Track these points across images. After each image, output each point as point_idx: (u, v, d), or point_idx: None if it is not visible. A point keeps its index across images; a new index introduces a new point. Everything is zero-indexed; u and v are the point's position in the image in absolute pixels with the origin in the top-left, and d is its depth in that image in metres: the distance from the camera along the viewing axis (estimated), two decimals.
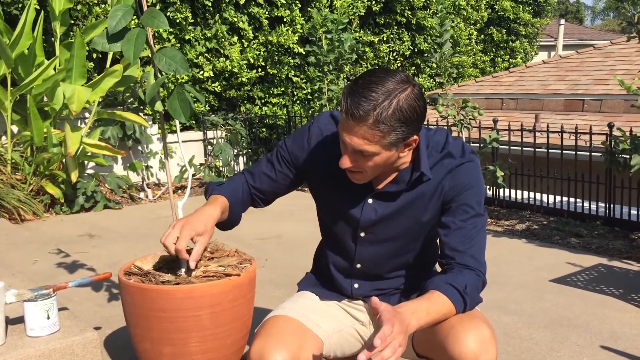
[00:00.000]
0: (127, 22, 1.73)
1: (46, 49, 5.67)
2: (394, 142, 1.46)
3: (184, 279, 1.74)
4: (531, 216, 4.92)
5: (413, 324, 1.40)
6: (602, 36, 19.91)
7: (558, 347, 2.54)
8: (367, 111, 1.40)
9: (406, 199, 1.62)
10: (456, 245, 1.56)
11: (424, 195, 1.61)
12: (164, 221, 4.99)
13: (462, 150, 1.61)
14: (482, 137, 5.03)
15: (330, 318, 1.71)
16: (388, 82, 1.43)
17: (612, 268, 3.59)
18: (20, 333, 1.89)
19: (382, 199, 1.63)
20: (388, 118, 1.41)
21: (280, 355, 1.50)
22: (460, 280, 1.52)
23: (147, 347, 1.75)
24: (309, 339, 1.60)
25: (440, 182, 1.59)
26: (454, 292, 1.49)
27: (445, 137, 1.64)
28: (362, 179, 1.57)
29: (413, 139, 1.50)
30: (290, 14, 7.72)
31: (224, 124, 6.80)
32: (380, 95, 1.41)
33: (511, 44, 11.43)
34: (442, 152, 1.61)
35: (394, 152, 1.49)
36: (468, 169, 1.59)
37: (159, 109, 1.81)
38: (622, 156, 4.06)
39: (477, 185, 1.60)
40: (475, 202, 1.59)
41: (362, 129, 1.42)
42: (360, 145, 1.45)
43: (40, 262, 3.84)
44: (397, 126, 1.43)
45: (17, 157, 5.22)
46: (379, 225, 1.65)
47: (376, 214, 1.64)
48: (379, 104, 1.41)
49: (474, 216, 1.58)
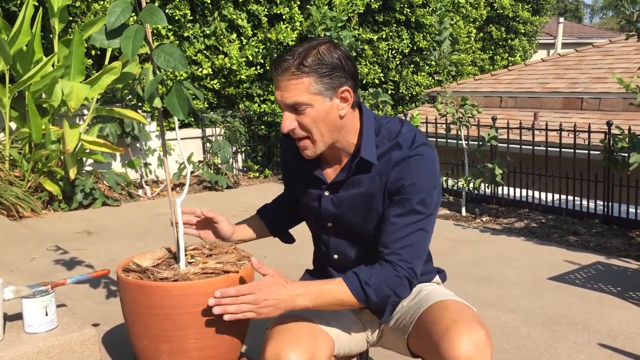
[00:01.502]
0: (126, 19, 1.73)
1: (45, 46, 5.66)
2: (322, 88, 1.50)
3: (182, 276, 1.74)
4: (529, 214, 4.92)
5: (299, 302, 1.51)
6: (601, 34, 19.91)
7: (556, 345, 2.54)
8: (289, 61, 1.50)
9: (358, 189, 1.62)
10: (386, 241, 1.56)
11: (374, 184, 1.60)
12: (162, 218, 4.98)
13: (412, 142, 1.58)
14: (481, 135, 5.03)
15: (337, 317, 1.72)
16: (311, 41, 1.54)
17: (610, 266, 3.60)
18: (19, 329, 1.89)
19: (335, 190, 1.66)
20: (309, 62, 1.49)
21: (296, 356, 1.50)
22: (370, 273, 1.53)
23: (145, 343, 1.75)
24: (321, 339, 1.61)
25: (387, 174, 1.58)
26: (356, 282, 1.52)
27: (400, 125, 1.62)
28: (311, 149, 1.57)
29: (345, 89, 1.53)
30: (289, 11, 7.71)
31: (222, 121, 6.80)
32: (300, 48, 1.52)
33: (510, 42, 11.43)
34: (392, 141, 1.59)
35: (327, 103, 1.52)
36: (415, 163, 1.56)
37: (158, 105, 1.80)
38: (621, 154, 4.07)
39: (421, 181, 1.56)
40: (416, 199, 1.55)
41: (287, 77, 1.50)
42: (291, 97, 1.50)
43: (39, 259, 3.84)
44: (319, 69, 1.49)
45: (16, 153, 5.22)
46: (339, 216, 1.68)
47: (333, 205, 1.67)
48: (300, 54, 1.50)
49: (412, 213, 1.55)
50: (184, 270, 1.78)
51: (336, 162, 1.65)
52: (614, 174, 4.47)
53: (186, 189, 1.94)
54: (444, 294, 1.68)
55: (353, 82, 1.55)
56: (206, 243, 1.94)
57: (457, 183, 5.24)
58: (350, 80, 1.54)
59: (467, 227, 4.61)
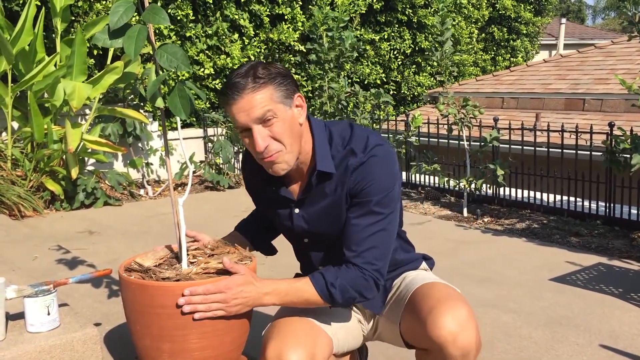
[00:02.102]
0: (129, 19, 1.73)
1: (47, 45, 5.66)
2: (281, 96, 1.52)
3: (184, 276, 1.74)
4: (531, 215, 4.92)
5: (267, 300, 1.56)
6: (603, 35, 19.90)
7: (557, 346, 2.54)
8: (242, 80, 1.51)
9: (323, 201, 1.64)
10: (349, 243, 1.57)
11: (336, 194, 1.61)
12: (164, 218, 4.99)
13: (365, 145, 1.59)
14: (483, 136, 5.03)
15: (335, 314, 1.73)
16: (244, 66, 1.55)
17: (611, 267, 3.59)
18: (21, 329, 1.90)
19: (303, 207, 1.67)
20: (261, 74, 1.51)
21: (297, 355, 1.52)
22: (336, 274, 1.56)
23: (146, 343, 1.75)
24: (320, 337, 1.63)
25: (346, 182, 1.59)
26: (322, 283, 1.55)
27: (350, 130, 1.63)
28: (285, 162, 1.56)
29: (298, 95, 1.57)
30: (292, 11, 7.71)
31: (224, 121, 6.80)
32: (243, 71, 1.53)
33: (512, 42, 11.43)
34: (345, 148, 1.60)
35: (288, 111, 1.54)
36: (370, 165, 1.57)
37: (160, 105, 1.81)
38: (623, 155, 4.06)
39: (378, 182, 1.57)
40: (375, 200, 1.56)
41: (248, 92, 1.50)
42: (257, 109, 1.50)
43: (40, 258, 3.84)
44: (272, 77, 1.52)
45: (18, 153, 5.22)
46: (312, 231, 1.69)
47: (304, 221, 1.69)
48: (248, 72, 1.52)
49: (371, 214, 1.56)
50: (185, 270, 1.78)
51: (300, 177, 1.67)
52: (616, 175, 4.47)
53: (188, 189, 1.94)
54: (428, 277, 1.71)
55: (296, 85, 1.59)
56: (208, 243, 1.94)
57: (459, 184, 5.24)
58: (297, 87, 1.58)
59: (468, 227, 4.61)
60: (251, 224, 1.96)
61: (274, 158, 1.55)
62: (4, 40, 4.85)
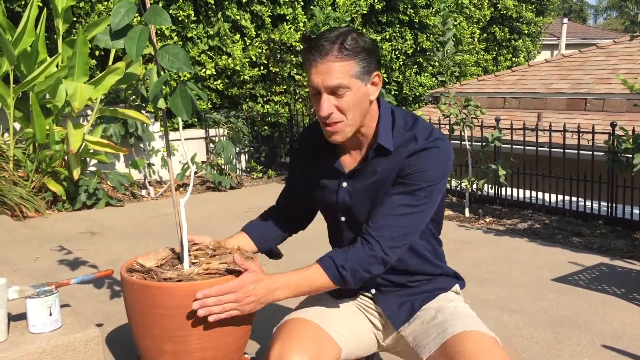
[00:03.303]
0: (130, 19, 1.73)
1: (49, 46, 5.67)
2: (360, 71, 1.53)
3: (186, 276, 1.74)
4: (533, 215, 4.92)
5: (279, 294, 1.54)
6: (605, 35, 19.87)
7: (559, 346, 2.54)
8: (329, 44, 1.51)
9: (372, 177, 1.63)
10: (375, 215, 1.58)
11: (387, 173, 1.61)
12: (165, 219, 4.99)
13: (430, 134, 1.61)
14: (485, 136, 5.03)
15: (349, 322, 1.72)
16: (338, 28, 1.56)
17: (614, 267, 3.59)
18: (23, 329, 1.90)
19: (352, 180, 1.66)
20: (349, 44, 1.51)
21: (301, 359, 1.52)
22: (345, 256, 1.56)
23: (148, 344, 1.75)
24: (328, 345, 1.61)
25: (405, 161, 1.59)
26: (333, 267, 1.55)
27: (413, 118, 1.65)
28: (342, 131, 1.57)
29: (376, 73, 1.57)
30: (293, 11, 7.71)
31: (226, 121, 6.81)
32: (333, 34, 1.53)
33: (514, 42, 11.42)
34: (410, 132, 1.61)
35: (363, 87, 1.54)
36: (429, 153, 1.59)
37: (162, 106, 1.81)
38: (625, 155, 4.06)
39: (431, 171, 1.58)
40: (421, 185, 1.57)
41: (330, 59, 1.50)
42: (333, 79, 1.51)
43: (42, 259, 3.85)
44: (358, 51, 1.51)
45: (20, 154, 5.23)
46: (352, 208, 1.68)
47: (349, 196, 1.67)
48: (337, 38, 1.52)
49: (413, 195, 1.57)
50: (187, 270, 1.78)
51: (356, 151, 1.67)
52: (618, 175, 4.46)
53: (190, 190, 1.94)
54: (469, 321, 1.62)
55: (379, 63, 1.59)
56: (209, 243, 1.94)
57: (461, 184, 5.23)
58: (379, 65, 1.58)
59: (470, 228, 4.61)
60: (259, 226, 1.94)
61: (334, 127, 1.57)
62: (6, 41, 4.86)
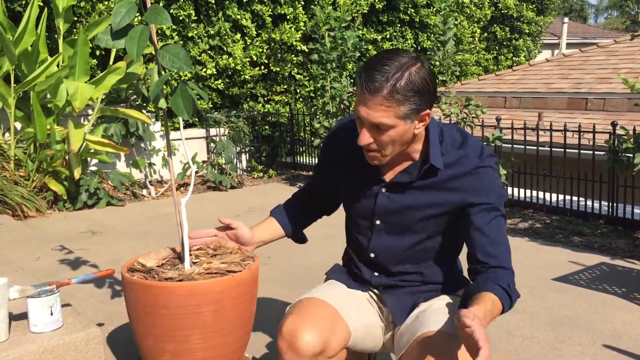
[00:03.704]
0: (131, 19, 1.73)
1: (49, 46, 5.67)
2: (408, 113, 1.50)
3: (187, 276, 1.74)
4: (534, 215, 4.92)
5: None
6: (605, 34, 19.86)
7: (560, 346, 2.54)
8: (381, 82, 1.47)
9: (418, 191, 1.64)
10: (489, 249, 1.58)
11: (438, 189, 1.62)
12: (166, 218, 4.99)
13: (481, 153, 1.62)
14: (485, 136, 5.03)
15: (361, 311, 1.73)
16: (399, 57, 1.51)
17: (614, 267, 3.59)
18: (24, 329, 1.90)
19: (393, 190, 1.66)
20: (402, 88, 1.47)
21: (312, 336, 1.54)
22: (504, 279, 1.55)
23: (149, 343, 1.76)
24: (340, 327, 1.64)
25: (457, 181, 1.60)
26: (502, 292, 1.53)
27: (463, 134, 1.66)
28: (379, 159, 1.59)
29: (426, 112, 1.54)
30: (294, 11, 7.71)
31: (226, 121, 6.81)
32: (392, 68, 1.48)
33: (514, 42, 11.41)
34: (459, 150, 1.62)
35: (408, 125, 1.53)
36: (487, 174, 1.61)
37: (163, 106, 1.81)
38: (626, 155, 4.06)
39: (498, 188, 1.62)
40: (497, 204, 1.61)
41: (378, 99, 1.48)
42: (377, 118, 1.50)
43: (43, 258, 3.85)
44: (410, 96, 1.48)
45: (21, 153, 5.23)
46: (392, 215, 1.68)
47: (389, 203, 1.67)
48: (392, 76, 1.47)
49: (497, 217, 1.60)
50: (188, 270, 1.79)
51: (395, 163, 1.66)
52: (619, 175, 4.46)
53: (191, 189, 1.94)
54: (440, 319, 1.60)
55: (433, 100, 1.57)
56: (210, 243, 1.94)
57: None
58: (432, 102, 1.56)
59: None
60: (287, 210, 1.95)
61: (369, 154, 1.59)
62: (6, 41, 4.86)
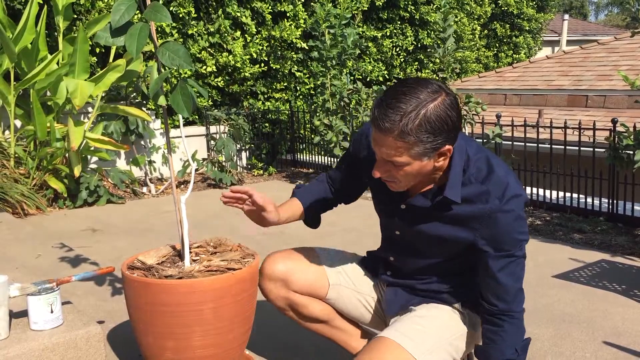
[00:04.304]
0: (131, 17, 1.73)
1: (49, 44, 5.67)
2: (422, 152, 1.43)
3: (187, 274, 1.74)
4: (534, 212, 4.91)
5: None
6: (606, 31, 19.84)
7: (560, 342, 2.54)
8: (392, 123, 1.39)
9: (434, 220, 1.60)
10: (499, 293, 1.58)
11: (453, 224, 1.57)
12: (166, 216, 4.99)
13: (503, 193, 1.51)
14: (485, 133, 5.02)
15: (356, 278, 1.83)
16: (418, 91, 1.41)
17: (615, 264, 3.59)
18: (24, 327, 1.90)
19: (412, 210, 1.63)
20: (414, 130, 1.39)
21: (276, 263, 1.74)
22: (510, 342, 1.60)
23: (149, 341, 1.76)
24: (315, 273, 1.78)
25: (474, 220, 1.54)
26: None
27: (490, 164, 1.55)
28: (397, 188, 1.55)
29: (446, 148, 1.46)
30: (294, 8, 7.70)
31: (226, 118, 6.80)
32: (408, 105, 1.39)
33: (515, 39, 11.40)
34: (482, 185, 1.53)
35: (426, 161, 1.46)
36: (505, 219, 1.52)
37: (163, 103, 1.81)
38: (626, 152, 4.05)
39: (516, 234, 1.54)
40: (516, 252, 1.56)
41: (389, 140, 1.42)
42: (389, 157, 1.45)
43: (44, 256, 3.85)
44: (424, 137, 1.41)
45: (21, 151, 5.23)
46: (408, 234, 1.68)
47: (405, 224, 1.66)
48: (405, 115, 1.39)
49: (515, 264, 1.57)
50: (188, 267, 1.79)
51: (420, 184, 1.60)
52: (619, 172, 4.46)
53: (191, 187, 1.94)
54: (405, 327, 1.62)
55: (455, 134, 1.47)
56: (210, 240, 1.94)
57: None
58: (454, 137, 1.46)
59: None
60: (308, 192, 1.89)
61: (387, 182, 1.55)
62: (6, 39, 4.86)
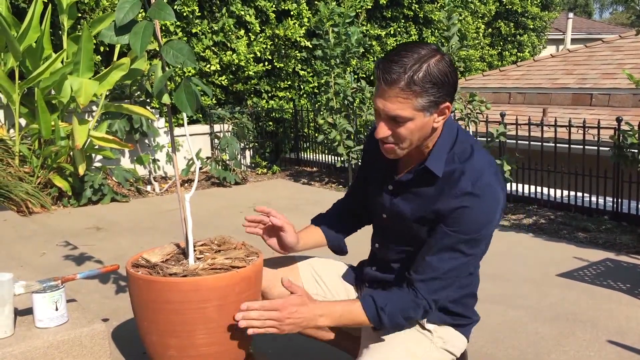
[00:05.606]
0: (135, 15, 1.73)
1: (54, 42, 5.68)
2: (426, 105, 1.48)
3: (191, 272, 1.74)
4: (538, 210, 4.91)
5: (321, 321, 1.56)
6: (610, 30, 19.77)
7: (564, 341, 2.54)
8: (399, 74, 1.45)
9: (414, 197, 1.62)
10: (421, 267, 1.57)
11: (431, 199, 1.58)
12: (170, 214, 5.00)
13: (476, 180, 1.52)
14: (489, 131, 5.02)
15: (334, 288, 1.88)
16: (419, 48, 1.48)
17: (619, 263, 3.58)
18: (29, 324, 1.91)
19: (398, 188, 1.67)
20: (419, 80, 1.45)
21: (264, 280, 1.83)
22: (386, 299, 1.56)
23: (153, 338, 1.76)
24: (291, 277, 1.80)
25: (447, 197, 1.55)
26: (373, 308, 1.56)
27: (471, 151, 1.58)
28: (395, 153, 1.57)
29: (446, 105, 1.51)
30: (297, 7, 7.70)
31: (230, 117, 6.81)
32: (410, 60, 1.46)
33: (519, 37, 11.37)
34: (460, 165, 1.55)
35: (427, 117, 1.50)
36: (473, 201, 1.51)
37: (167, 102, 1.81)
38: (630, 150, 4.05)
39: (473, 222, 1.52)
40: (464, 238, 1.53)
41: (395, 91, 1.46)
42: (394, 110, 1.48)
43: (48, 254, 3.86)
44: (428, 87, 1.46)
45: (25, 149, 5.25)
46: (391, 216, 1.70)
47: (390, 201, 1.69)
48: (410, 67, 1.45)
49: (454, 250, 1.54)
50: (192, 265, 1.79)
51: (410, 162, 1.64)
52: (624, 170, 4.45)
53: (195, 185, 1.94)
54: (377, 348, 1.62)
55: (454, 93, 1.52)
56: (214, 239, 1.95)
57: None
58: (452, 95, 1.51)
59: None
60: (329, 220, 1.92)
61: (385, 147, 1.57)
62: (11, 37, 4.87)
